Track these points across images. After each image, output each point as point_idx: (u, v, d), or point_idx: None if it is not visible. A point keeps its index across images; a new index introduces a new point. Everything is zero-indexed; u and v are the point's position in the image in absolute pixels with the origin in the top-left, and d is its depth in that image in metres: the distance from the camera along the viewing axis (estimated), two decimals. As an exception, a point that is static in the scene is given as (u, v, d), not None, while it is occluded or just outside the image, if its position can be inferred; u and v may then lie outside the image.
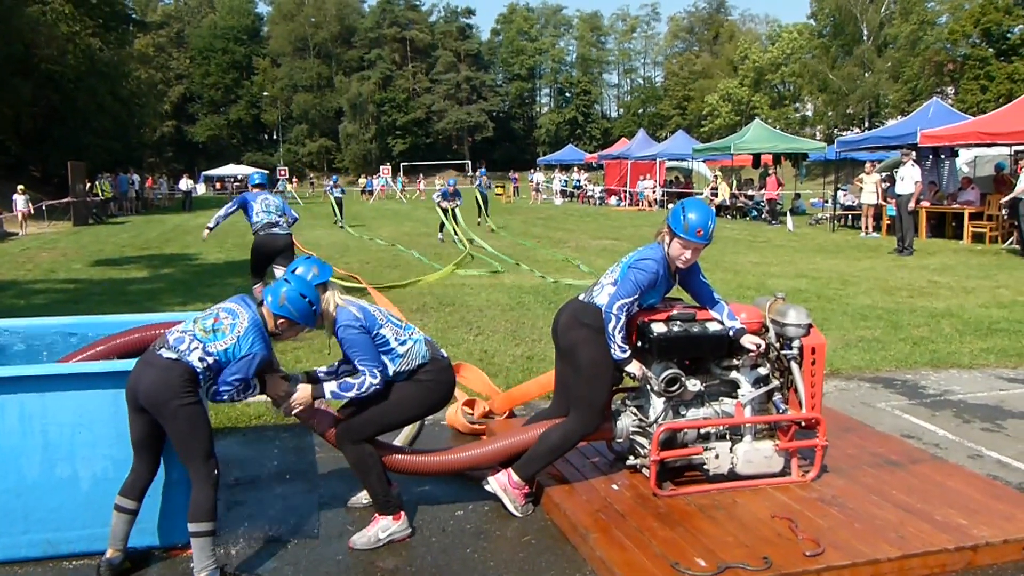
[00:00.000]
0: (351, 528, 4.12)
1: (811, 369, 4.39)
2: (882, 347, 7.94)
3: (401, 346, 3.95)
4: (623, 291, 4.06)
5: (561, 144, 70.07)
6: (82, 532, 3.82)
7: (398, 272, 13.71)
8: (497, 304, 10.41)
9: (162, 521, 3.89)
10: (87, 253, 17.98)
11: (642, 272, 4.09)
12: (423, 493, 4.57)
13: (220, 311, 3.70)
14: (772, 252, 16.55)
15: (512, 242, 18.98)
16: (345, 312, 3.87)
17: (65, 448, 3.78)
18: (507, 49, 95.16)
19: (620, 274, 4.19)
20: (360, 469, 4.00)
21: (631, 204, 34.78)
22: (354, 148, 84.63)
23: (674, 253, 4.13)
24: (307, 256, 4.07)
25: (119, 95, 42.23)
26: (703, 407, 4.41)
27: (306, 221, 28.03)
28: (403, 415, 4.09)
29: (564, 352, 4.29)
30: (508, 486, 4.26)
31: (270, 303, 3.72)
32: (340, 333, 3.83)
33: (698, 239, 4.05)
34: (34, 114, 36.43)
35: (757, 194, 27.34)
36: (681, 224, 4.06)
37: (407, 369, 3.98)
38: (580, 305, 4.27)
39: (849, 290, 11.40)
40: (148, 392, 3.49)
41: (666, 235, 4.16)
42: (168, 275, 13.91)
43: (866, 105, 56.09)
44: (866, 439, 5.08)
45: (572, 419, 4.22)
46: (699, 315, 4.35)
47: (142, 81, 50.12)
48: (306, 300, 3.73)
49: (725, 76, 76.75)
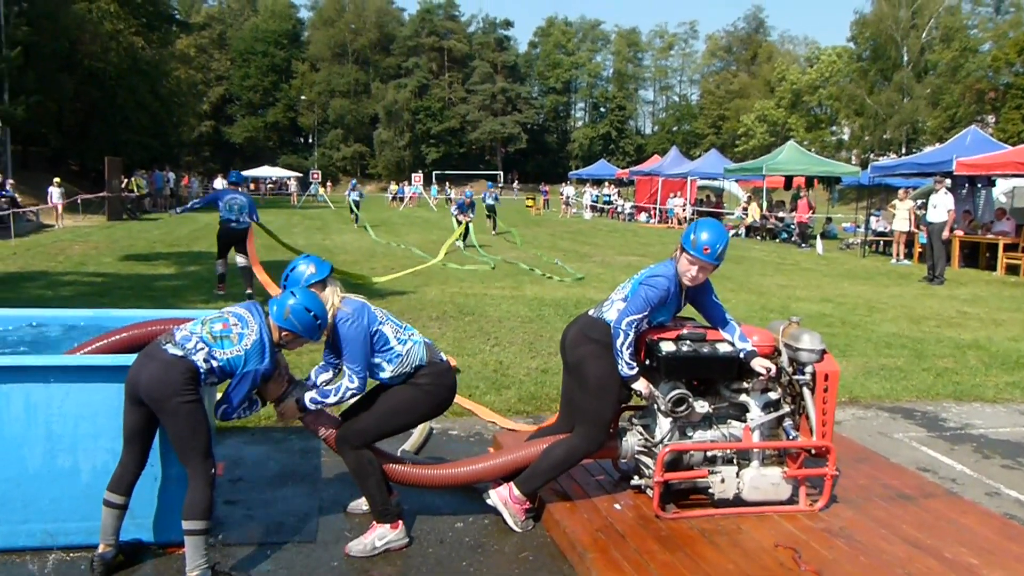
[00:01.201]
0: (349, 534, 4.09)
1: (823, 396, 4.29)
2: (904, 376, 7.79)
3: (400, 345, 3.92)
4: (633, 307, 4.01)
5: (594, 158, 69.95)
6: (81, 524, 3.82)
7: (422, 278, 13.72)
8: (516, 315, 10.38)
9: (158, 517, 3.89)
10: (118, 248, 18.20)
11: (653, 289, 4.04)
12: (423, 503, 4.53)
13: (230, 315, 3.70)
14: (799, 275, 16.36)
15: (531, 254, 18.95)
16: (346, 307, 3.86)
17: (68, 439, 3.80)
18: (544, 62, 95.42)
19: (631, 290, 4.14)
20: (359, 475, 3.97)
21: (660, 221, 34.60)
22: (388, 155, 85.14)
23: (681, 268, 4.10)
24: (305, 255, 4.05)
25: (159, 93, 42.81)
26: (710, 429, 4.33)
27: (335, 225, 28.23)
28: (403, 420, 4.06)
29: (571, 367, 4.25)
30: (509, 500, 4.21)
31: (275, 315, 3.71)
32: (339, 328, 3.82)
33: (705, 256, 4.01)
34: (75, 109, 37.03)
35: (788, 216, 27.08)
36: (689, 240, 4.03)
37: (405, 372, 3.95)
38: (589, 320, 4.22)
39: (875, 317, 11.22)
40: (149, 386, 3.48)
41: (677, 251, 4.12)
42: (194, 272, 14.03)
43: (904, 131, 55.43)
44: (879, 470, 4.97)
45: (576, 435, 4.17)
46: (709, 335, 4.29)
47: (182, 81, 50.74)
48: (311, 314, 3.70)
49: (761, 97, 76.42)
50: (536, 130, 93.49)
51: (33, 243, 19.47)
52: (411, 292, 12.16)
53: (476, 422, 6.09)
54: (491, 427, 5.95)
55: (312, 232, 24.92)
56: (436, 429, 5.87)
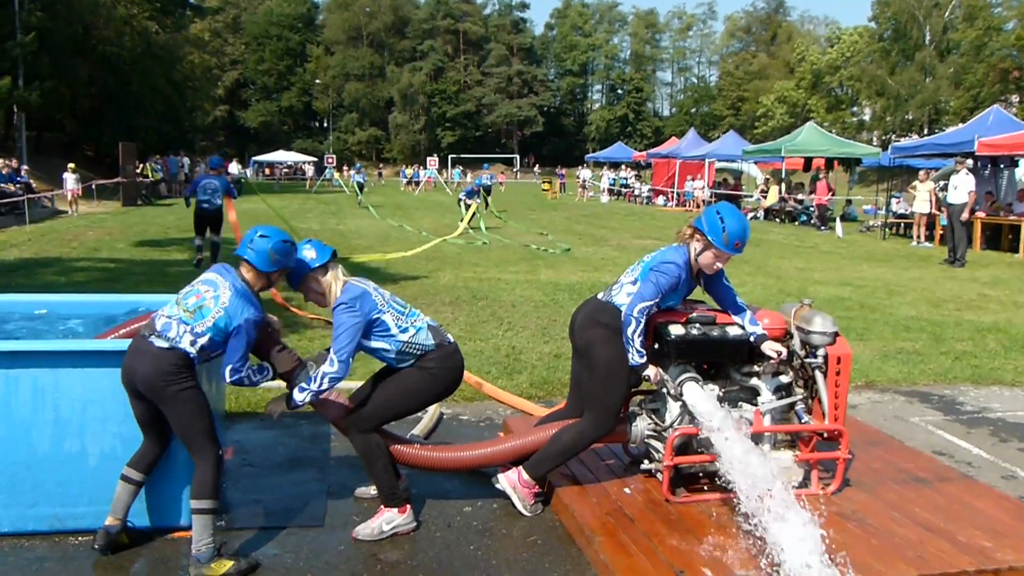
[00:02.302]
0: (357, 518, 4.11)
1: (836, 379, 4.25)
2: (922, 360, 7.73)
3: (402, 333, 3.91)
4: (644, 293, 3.98)
5: (611, 141, 69.59)
6: (88, 509, 3.85)
7: (435, 263, 13.73)
8: (530, 300, 10.37)
9: (160, 502, 3.93)
10: (132, 233, 18.32)
11: (664, 275, 4.00)
12: (432, 487, 4.54)
13: (199, 285, 3.72)
14: (818, 258, 16.24)
15: (522, 230, 18.91)
16: (346, 291, 3.85)
17: (75, 423, 3.83)
18: (560, 44, 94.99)
19: (640, 274, 4.11)
20: (367, 459, 3.98)
21: (678, 204, 34.44)
22: (403, 138, 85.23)
23: (705, 262, 4.05)
24: (307, 240, 4.04)
25: (173, 78, 42.90)
26: (721, 413, 4.31)
27: (350, 210, 28.29)
28: (410, 404, 4.06)
29: (580, 352, 4.23)
30: (518, 484, 4.21)
31: (258, 261, 3.70)
32: (335, 312, 3.82)
33: (736, 251, 4.01)
34: (90, 94, 37.15)
35: (807, 198, 26.85)
36: (720, 236, 3.97)
37: (410, 356, 3.95)
38: (598, 304, 4.20)
39: (894, 300, 11.13)
40: (145, 380, 3.52)
41: (696, 241, 4.06)
42: (208, 258, 14.05)
43: (926, 111, 54.78)
44: (893, 454, 4.93)
45: (586, 420, 4.16)
46: (719, 318, 4.25)
47: (196, 65, 50.73)
48: (288, 243, 3.78)
49: (781, 77, 75.73)
50: (552, 113, 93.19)
51: (48, 229, 19.63)
52: (424, 277, 12.18)
53: (487, 407, 6.09)
54: (502, 412, 5.95)
55: (326, 217, 24.97)
56: (446, 414, 5.88)
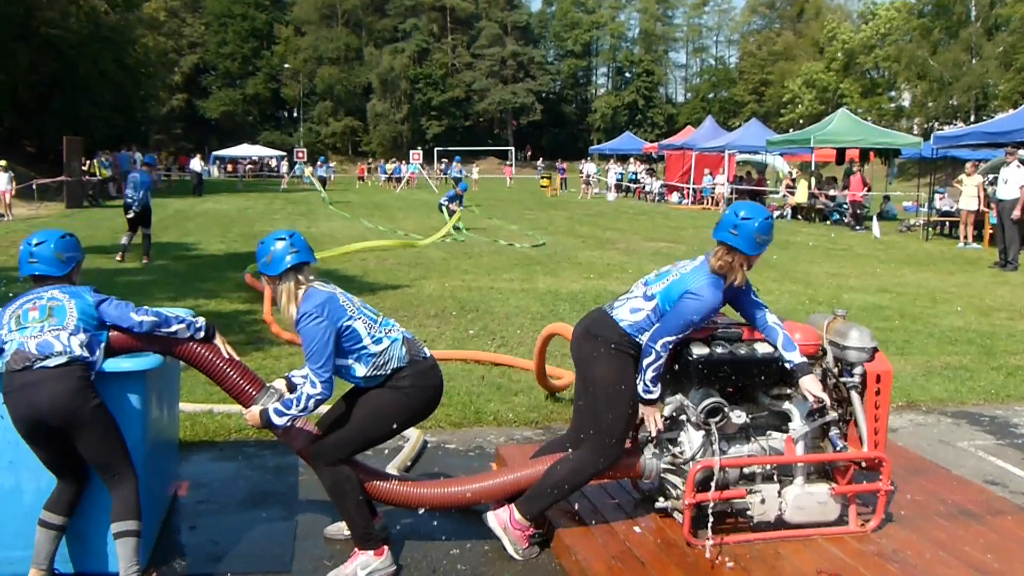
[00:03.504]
0: (328, 563, 4.07)
1: (875, 400, 4.23)
2: (970, 376, 7.72)
3: (375, 344, 3.89)
4: (671, 326, 3.91)
5: (618, 131, 69.84)
6: (25, 552, 3.79)
7: (419, 270, 13.71)
8: (527, 312, 10.34)
9: (90, 545, 3.92)
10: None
11: (701, 302, 3.92)
12: (414, 526, 4.50)
13: (24, 303, 3.77)
14: (852, 262, 16.25)
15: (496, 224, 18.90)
16: (308, 299, 3.82)
17: (8, 456, 3.80)
18: (560, 22, 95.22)
19: (664, 296, 4.02)
20: (336, 495, 3.94)
21: (695, 202, 34.49)
22: (383, 129, 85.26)
23: (738, 278, 4.00)
24: (291, 233, 4.01)
25: (124, 63, 42.92)
26: (748, 442, 4.28)
27: (322, 211, 28.28)
28: (383, 428, 4.02)
29: (578, 370, 4.21)
30: (509, 525, 4.16)
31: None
32: (299, 325, 3.79)
33: (762, 249, 4.04)
34: (32, 83, 37.17)
35: (839, 195, 26.89)
36: (754, 240, 3.95)
37: (382, 374, 3.92)
38: (599, 316, 4.16)
39: (938, 309, 11.13)
40: (58, 407, 3.51)
41: (733, 257, 3.99)
42: (162, 266, 14.07)
43: (972, 96, 54.97)
44: (940, 484, 4.90)
45: (585, 450, 4.11)
46: (746, 333, 4.22)
47: (150, 49, 50.81)
48: (66, 238, 3.97)
49: (809, 58, 76.01)
50: (552, 99, 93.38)
51: (-19, 234, 19.56)
52: (406, 286, 12.15)
53: (477, 434, 6.06)
54: (492, 440, 5.92)
55: (296, 219, 24.97)
56: (430, 442, 5.84)
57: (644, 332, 4.00)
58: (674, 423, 4.32)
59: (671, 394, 4.21)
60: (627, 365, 4.00)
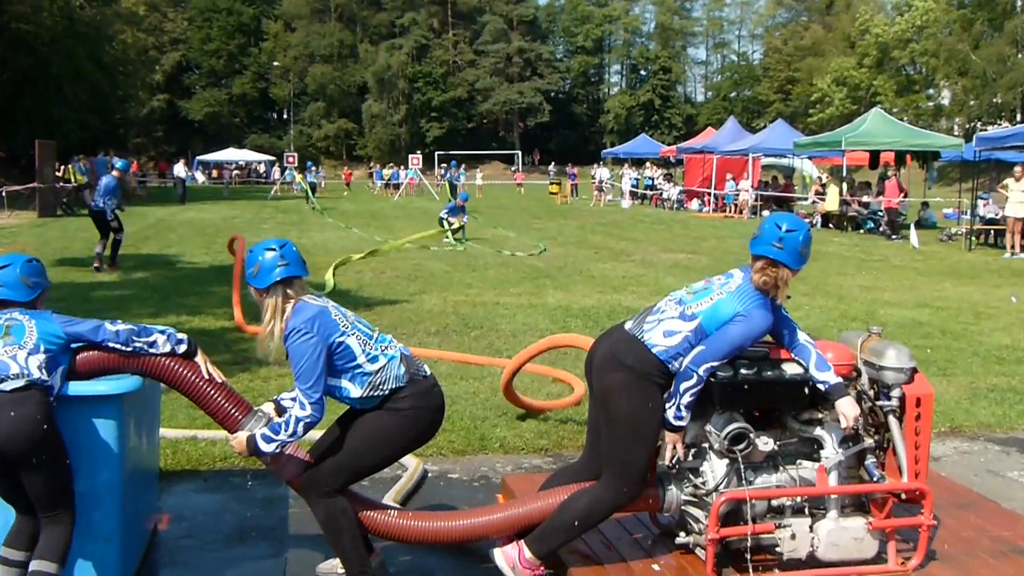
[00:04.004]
0: (321, 605, 4.05)
1: (915, 426, 4.22)
2: (1020, 399, 7.69)
3: (370, 363, 3.88)
4: (720, 350, 3.90)
5: (633, 133, 70.01)
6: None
7: (419, 284, 13.73)
8: (535, 328, 10.34)
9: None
10: (50, 250, 18.33)
11: (753, 325, 3.92)
12: (413, 564, 4.49)
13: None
14: (889, 274, 16.23)
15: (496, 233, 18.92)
16: (297, 314, 3.82)
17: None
18: (570, 16, 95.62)
19: (711, 319, 3.98)
20: (330, 529, 3.93)
21: (716, 210, 34.50)
22: (380, 132, 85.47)
23: (782, 298, 4.03)
24: (282, 243, 4.00)
25: (101, 61, 43.20)
26: (776, 472, 4.26)
27: (314, 220, 28.35)
28: (380, 455, 4.02)
29: (597, 397, 4.17)
30: (518, 563, 4.14)
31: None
32: (287, 343, 3.80)
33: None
34: (1, 82, 37.39)
35: (874, 201, 26.89)
36: (799, 252, 3.98)
37: (377, 395, 3.91)
38: (624, 338, 4.10)
39: (983, 325, 11.10)
40: (11, 436, 3.50)
41: (778, 273, 3.98)
42: (141, 280, 14.12)
43: (1018, 93, 54.93)
44: (987, 519, 4.87)
45: (603, 484, 4.08)
46: (772, 352, 4.20)
47: (129, 46, 51.24)
48: (31, 263, 4.00)
49: (840, 54, 76.01)
50: (561, 99, 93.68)
51: (-53, 246, 19.66)
52: (405, 301, 12.17)
53: (482, 462, 6.04)
54: (499, 469, 5.90)
55: (286, 228, 25.04)
56: (431, 470, 5.83)
57: (679, 358, 3.97)
58: (696, 451, 4.31)
59: (692, 420, 4.19)
60: (656, 395, 3.99)
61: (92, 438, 3.78)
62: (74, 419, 3.74)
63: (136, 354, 3.90)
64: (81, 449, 3.77)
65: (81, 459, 3.76)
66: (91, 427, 3.81)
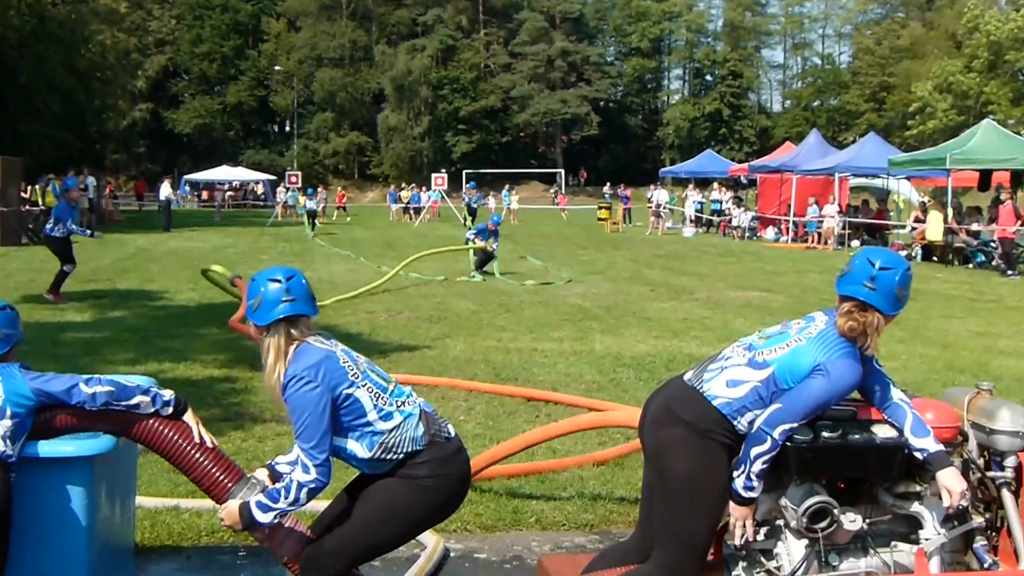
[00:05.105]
0: None
1: (1034, 502, 4.17)
2: None
3: (383, 421, 3.87)
4: (798, 408, 3.86)
5: (697, 149, 69.98)
6: None
7: (443, 326, 13.77)
8: (579, 380, 10.33)
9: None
10: (13, 284, 18.60)
11: (837, 379, 3.88)
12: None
13: None
14: (1004, 317, 16.08)
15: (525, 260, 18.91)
16: (300, 358, 3.83)
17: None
18: (622, 12, 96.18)
19: (787, 370, 3.96)
20: (334, 619, 3.94)
21: (796, 239, 34.40)
22: (398, 147, 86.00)
23: (874, 347, 4.01)
24: (290, 275, 3.98)
25: (76, 67, 43.87)
26: (865, 555, 4.22)
27: (320, 251, 28.58)
28: (392, 530, 4.00)
29: (650, 458, 4.16)
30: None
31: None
32: (286, 391, 3.79)
33: None
34: (-38, 92, 38.17)
35: (985, 230, 26.70)
36: (895, 295, 3.94)
37: (391, 459, 3.90)
38: (681, 390, 4.10)
39: (1118, 380, 10.94)
40: None
41: (868, 318, 3.96)
42: (118, 320, 14.25)
43: None
44: (1124, 615, 4.78)
45: (654, 562, 4.06)
46: (861, 412, 4.18)
47: (108, 48, 51.95)
48: (6, 311, 4.25)
49: (943, 55, 75.82)
50: (612, 109, 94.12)
51: None
52: (426, 347, 12.19)
53: (515, 539, 6.02)
54: (535, 548, 5.88)
55: (288, 259, 25.25)
56: (453, 549, 5.81)
57: (745, 413, 3.94)
58: (769, 529, 4.28)
59: (764, 491, 4.16)
60: (719, 456, 3.94)
61: (57, 506, 3.79)
62: (37, 484, 3.75)
63: (113, 414, 3.90)
64: (44, 519, 3.77)
65: (44, 530, 3.76)
66: (56, 494, 3.82)
